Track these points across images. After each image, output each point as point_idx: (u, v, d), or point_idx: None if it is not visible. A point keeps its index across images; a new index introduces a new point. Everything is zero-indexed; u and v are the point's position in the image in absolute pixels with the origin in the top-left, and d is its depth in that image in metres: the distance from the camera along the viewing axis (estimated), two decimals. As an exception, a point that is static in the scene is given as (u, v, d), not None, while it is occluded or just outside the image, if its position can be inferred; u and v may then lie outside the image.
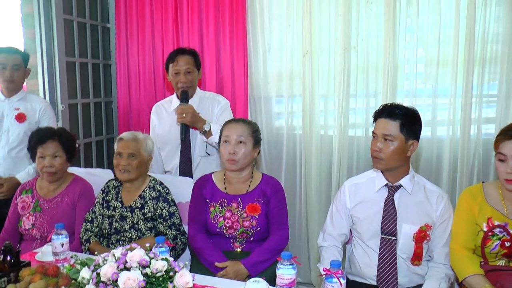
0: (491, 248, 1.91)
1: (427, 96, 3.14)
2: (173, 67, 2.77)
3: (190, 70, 2.78)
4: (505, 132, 1.88)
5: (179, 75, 2.76)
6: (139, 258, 1.50)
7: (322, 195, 3.42)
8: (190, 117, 2.62)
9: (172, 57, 2.79)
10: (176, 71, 2.76)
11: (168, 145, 2.88)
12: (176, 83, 2.78)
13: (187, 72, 2.77)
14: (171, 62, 2.78)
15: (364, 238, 2.15)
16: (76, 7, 3.67)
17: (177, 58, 2.76)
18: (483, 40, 2.93)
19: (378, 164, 2.08)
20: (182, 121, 2.63)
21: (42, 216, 2.49)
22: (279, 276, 1.61)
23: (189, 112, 2.62)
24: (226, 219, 2.24)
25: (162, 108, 2.95)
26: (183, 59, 2.77)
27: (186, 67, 2.76)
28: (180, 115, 2.62)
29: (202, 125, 2.66)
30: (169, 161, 2.91)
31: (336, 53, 3.25)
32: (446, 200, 2.11)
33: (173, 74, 2.77)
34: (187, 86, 2.76)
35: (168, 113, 2.89)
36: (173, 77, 2.78)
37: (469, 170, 3.03)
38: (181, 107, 2.64)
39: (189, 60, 2.78)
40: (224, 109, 2.88)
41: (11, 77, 2.93)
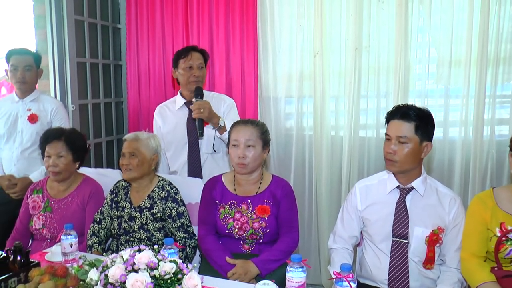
0: (506, 254, 1.87)
1: (439, 97, 3.11)
2: (185, 61, 2.76)
3: (202, 66, 2.81)
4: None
5: (192, 69, 2.76)
6: (147, 260, 1.49)
7: (332, 197, 3.39)
8: (208, 112, 2.60)
9: (185, 52, 2.80)
10: (189, 65, 2.76)
11: (174, 144, 2.88)
12: (188, 77, 2.77)
13: (199, 67, 2.78)
14: (182, 57, 2.78)
15: (375, 240, 2.12)
16: (87, 8, 3.69)
17: (190, 53, 2.78)
18: (497, 40, 2.89)
19: (392, 166, 2.04)
20: (200, 116, 2.60)
21: (53, 216, 2.50)
22: (289, 279, 1.59)
23: (207, 107, 2.60)
24: (235, 220, 2.23)
25: (165, 108, 2.94)
26: (195, 54, 2.79)
27: (199, 62, 2.79)
28: (197, 110, 2.59)
29: (217, 121, 2.65)
30: (175, 161, 2.90)
31: (347, 53, 3.23)
32: (459, 203, 2.07)
33: (185, 68, 2.76)
34: (199, 80, 2.78)
35: (173, 113, 2.88)
36: (184, 71, 2.77)
37: (482, 173, 2.98)
38: (198, 102, 2.61)
39: (200, 57, 2.81)
40: (231, 107, 2.88)
41: (23, 78, 2.97)
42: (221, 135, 2.69)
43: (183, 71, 2.78)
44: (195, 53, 2.80)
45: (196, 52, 2.81)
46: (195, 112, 2.60)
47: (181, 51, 2.84)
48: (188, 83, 2.79)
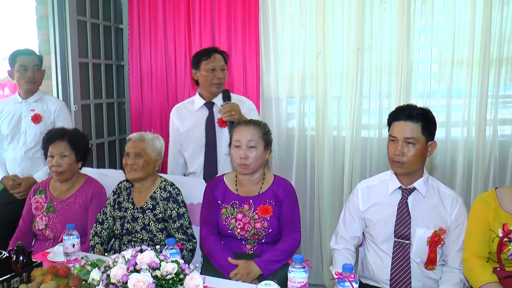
0: (508, 255, 1.87)
1: (441, 97, 3.10)
2: (208, 63, 2.74)
3: (224, 67, 2.80)
4: None
5: (215, 71, 2.75)
6: (149, 260, 1.50)
7: (334, 197, 3.39)
8: (238, 115, 2.59)
9: (208, 53, 2.77)
10: (212, 67, 2.74)
11: (192, 145, 2.86)
12: (211, 78, 2.75)
13: (221, 69, 2.77)
14: (205, 59, 2.75)
15: (377, 241, 2.12)
16: (89, 8, 3.70)
17: (213, 54, 2.76)
18: (500, 40, 2.89)
19: (400, 168, 2.03)
20: (231, 119, 2.58)
21: (55, 217, 2.51)
22: (291, 279, 1.59)
23: (237, 110, 2.59)
24: (237, 220, 2.23)
25: (184, 109, 2.91)
26: (218, 56, 2.78)
27: (221, 63, 2.78)
28: (228, 113, 2.57)
29: None
30: (194, 161, 2.88)
31: (349, 54, 3.23)
32: (460, 203, 2.07)
33: (208, 69, 2.74)
34: (221, 82, 2.77)
35: (192, 113, 2.85)
36: (207, 72, 2.75)
37: (484, 173, 2.98)
38: (229, 105, 2.60)
39: (222, 58, 2.80)
40: (251, 109, 2.87)
41: (33, 78, 3.02)
42: None
43: (206, 72, 2.75)
44: (217, 55, 2.78)
45: (218, 53, 2.79)
46: (226, 115, 2.57)
47: (203, 52, 2.81)
48: (210, 85, 2.76)
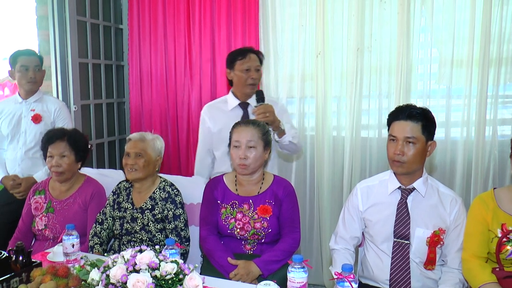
0: (507, 255, 1.87)
1: (441, 97, 3.11)
2: (243, 63, 2.71)
3: (259, 68, 2.76)
4: None
5: (250, 71, 2.71)
6: (148, 260, 1.50)
7: (334, 197, 3.39)
8: (273, 116, 2.58)
9: (243, 53, 2.74)
10: (247, 67, 2.71)
11: (224, 144, 2.78)
12: (246, 79, 2.71)
13: (256, 70, 2.74)
14: (240, 58, 2.72)
15: (376, 241, 2.12)
16: (89, 8, 3.70)
17: (248, 54, 2.73)
18: (499, 40, 2.89)
19: (400, 168, 2.03)
20: (265, 120, 2.54)
21: (55, 217, 2.51)
22: (290, 279, 1.59)
23: (271, 111, 2.57)
24: (237, 220, 2.23)
25: (216, 108, 2.87)
26: (253, 56, 2.74)
27: (256, 64, 2.74)
28: (262, 114, 2.54)
29: (279, 124, 2.62)
30: (225, 161, 2.83)
31: (349, 54, 3.23)
32: (460, 204, 2.07)
33: (243, 70, 2.71)
34: (256, 83, 2.74)
35: (224, 113, 2.80)
36: (242, 72, 2.72)
37: (484, 173, 2.98)
38: (263, 106, 2.58)
39: (256, 59, 2.76)
40: (284, 111, 2.85)
41: (34, 78, 3.02)
42: (280, 138, 2.67)
43: (240, 72, 2.72)
44: (252, 55, 2.74)
45: (253, 53, 2.75)
46: (260, 116, 2.54)
47: (238, 52, 2.78)
48: (244, 85, 2.73)
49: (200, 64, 3.66)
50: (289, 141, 2.66)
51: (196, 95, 3.71)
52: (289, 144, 2.68)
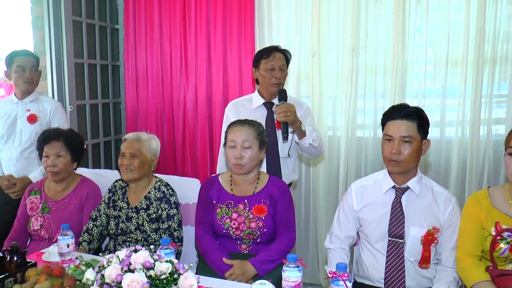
0: (500, 253, 1.88)
1: (436, 97, 3.12)
2: (268, 62, 2.67)
3: (284, 67, 2.71)
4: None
5: (274, 71, 2.67)
6: (143, 260, 1.50)
7: (330, 197, 3.41)
8: (294, 116, 2.53)
9: (268, 52, 2.70)
10: (271, 67, 2.67)
11: None
12: (270, 78, 2.67)
13: (281, 69, 2.69)
14: (265, 57, 2.69)
15: (371, 240, 2.13)
16: (85, 8, 3.71)
17: (273, 53, 2.69)
18: (494, 39, 2.90)
19: (397, 167, 2.04)
20: (286, 119, 2.51)
21: (50, 217, 2.51)
22: (285, 278, 1.59)
23: (292, 111, 2.52)
24: (232, 220, 2.23)
25: (241, 106, 2.83)
26: (278, 55, 2.68)
27: (281, 63, 2.69)
28: (283, 113, 2.50)
29: (300, 125, 2.58)
30: None
31: (345, 54, 3.24)
32: (454, 202, 2.08)
33: (267, 69, 2.67)
34: (280, 83, 2.69)
35: (249, 111, 2.76)
36: (266, 72, 2.68)
37: (478, 172, 3.00)
38: (284, 105, 2.53)
39: (282, 58, 2.70)
40: (308, 113, 2.81)
41: (31, 78, 3.02)
42: (300, 140, 2.63)
43: (265, 72, 2.67)
44: (277, 54, 2.69)
45: (278, 52, 2.70)
46: (281, 115, 2.51)
47: (263, 51, 2.74)
48: (269, 85, 2.69)
49: (196, 64, 3.66)
50: (309, 144, 2.61)
51: (191, 95, 3.71)
52: (309, 147, 2.64)
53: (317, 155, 2.79)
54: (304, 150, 2.71)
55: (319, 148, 2.71)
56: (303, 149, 2.70)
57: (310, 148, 2.65)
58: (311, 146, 2.63)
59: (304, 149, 2.70)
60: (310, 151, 2.69)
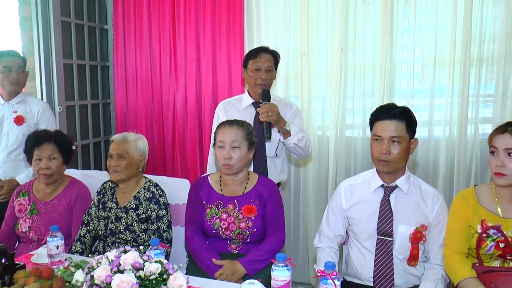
0: (486, 250, 1.91)
1: (424, 96, 3.15)
2: (254, 63, 2.69)
3: (271, 68, 2.72)
4: (499, 127, 1.91)
5: (260, 72, 2.68)
6: (132, 261, 1.50)
7: (320, 196, 3.42)
8: (276, 116, 2.54)
9: (254, 53, 2.72)
10: (257, 67, 2.68)
11: None
12: (255, 79, 2.69)
13: (267, 70, 2.70)
14: (252, 58, 2.70)
15: (360, 239, 2.15)
16: (74, 9, 3.69)
17: (260, 54, 2.70)
18: (480, 40, 2.94)
19: (386, 167, 2.06)
20: (268, 119, 2.53)
21: (39, 219, 2.49)
22: (274, 278, 1.60)
23: (275, 111, 2.54)
24: (222, 220, 2.24)
25: (231, 105, 2.85)
26: (265, 56, 2.69)
27: (268, 64, 2.69)
28: (266, 113, 2.52)
29: (284, 125, 2.59)
30: None
31: (333, 54, 3.25)
32: (441, 200, 2.11)
33: (253, 70, 2.69)
34: (266, 84, 2.70)
35: (238, 111, 2.78)
36: (252, 73, 2.70)
37: (466, 171, 3.03)
38: (267, 105, 2.55)
39: (270, 59, 2.71)
40: (296, 114, 2.82)
41: (18, 79, 2.99)
42: (285, 140, 2.64)
43: (251, 72, 2.70)
44: (265, 55, 2.70)
45: (266, 53, 2.71)
46: (263, 115, 2.52)
47: (252, 52, 2.75)
48: (255, 85, 2.71)
49: (185, 64, 3.67)
50: (294, 144, 2.63)
51: (181, 96, 3.71)
52: (294, 147, 2.65)
53: (304, 156, 2.81)
54: (290, 150, 2.73)
55: (305, 149, 2.72)
56: (289, 149, 2.72)
57: (296, 148, 2.67)
58: (296, 146, 2.65)
59: (290, 149, 2.73)
60: (296, 151, 2.70)
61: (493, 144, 1.90)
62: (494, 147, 1.89)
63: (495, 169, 1.87)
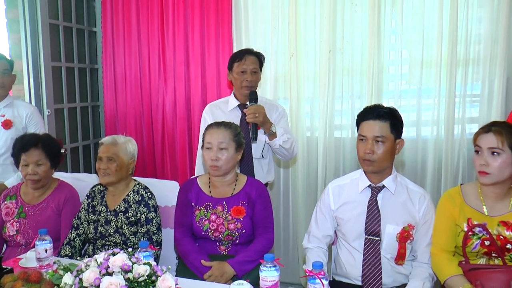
0: (472, 248, 1.94)
1: (411, 97, 3.18)
2: (239, 65, 2.70)
3: (256, 70, 2.73)
4: (483, 127, 1.95)
5: (245, 74, 2.69)
6: (121, 263, 1.50)
7: (309, 196, 3.44)
8: (262, 117, 2.57)
9: (239, 55, 2.73)
10: (242, 70, 2.69)
11: None
12: (241, 81, 2.71)
13: (253, 72, 2.71)
14: (237, 61, 2.71)
15: (348, 239, 2.17)
16: (62, 11, 3.67)
17: (245, 57, 2.71)
18: (466, 41, 2.98)
19: (371, 166, 2.08)
20: (255, 121, 2.56)
21: (27, 222, 2.48)
22: (262, 278, 1.62)
23: (262, 112, 2.56)
24: (211, 222, 2.24)
25: (217, 108, 2.86)
26: (250, 58, 2.71)
27: (253, 66, 2.71)
28: (252, 115, 2.54)
29: (270, 126, 2.61)
30: None
31: (322, 55, 3.27)
32: (428, 200, 2.13)
33: (239, 72, 2.70)
34: (252, 85, 2.71)
35: (224, 113, 2.79)
36: (238, 75, 2.71)
37: (453, 170, 3.07)
38: (253, 107, 2.57)
39: (255, 60, 2.73)
40: (282, 116, 2.84)
41: (3, 83, 2.97)
42: (271, 141, 2.66)
43: (237, 75, 2.71)
44: (250, 57, 2.71)
45: (251, 55, 2.73)
46: (250, 116, 2.55)
47: (236, 54, 2.77)
48: (241, 87, 2.72)
49: (174, 66, 3.67)
50: (279, 145, 2.65)
51: (170, 98, 3.71)
52: (279, 148, 2.67)
53: (289, 157, 2.83)
54: (276, 152, 2.76)
55: (290, 150, 2.74)
56: (274, 150, 2.75)
57: (281, 150, 2.69)
58: (282, 148, 2.67)
59: (275, 151, 2.75)
60: (282, 152, 2.73)
61: (477, 143, 1.93)
62: (478, 146, 1.92)
63: (479, 168, 1.90)
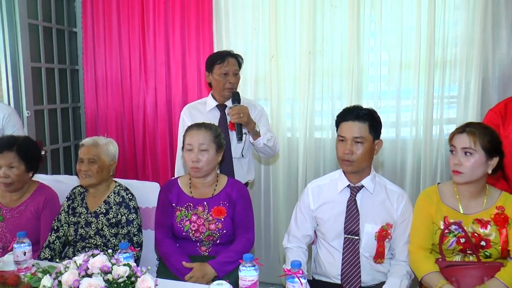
0: (448, 245, 1.98)
1: (391, 98, 3.22)
2: (222, 67, 2.71)
3: (237, 72, 2.76)
4: (459, 127, 2.01)
5: (228, 76, 2.71)
6: (100, 264, 1.51)
7: (290, 196, 3.46)
8: (247, 117, 2.59)
9: (222, 57, 2.73)
10: (225, 72, 2.71)
11: None
12: (224, 83, 2.72)
13: (234, 74, 2.74)
14: (219, 62, 2.72)
15: (328, 238, 2.19)
16: (41, 11, 3.63)
17: (227, 59, 2.72)
18: (443, 43, 3.03)
19: (350, 166, 2.11)
20: (239, 121, 2.58)
21: (5, 226, 2.44)
22: (241, 278, 1.63)
23: (246, 112, 2.59)
24: (192, 222, 2.25)
25: (195, 109, 2.87)
26: (231, 60, 2.74)
27: (234, 68, 2.74)
28: (237, 115, 2.56)
29: (254, 126, 2.64)
30: None
31: (302, 57, 3.30)
32: (406, 199, 2.17)
33: (221, 74, 2.71)
34: (234, 87, 2.74)
35: (203, 114, 2.80)
36: (219, 77, 2.72)
37: (432, 170, 3.12)
38: (237, 107, 2.59)
39: (235, 62, 2.76)
40: (262, 115, 2.87)
41: None
42: (254, 141, 2.68)
43: (219, 76, 2.72)
44: (231, 59, 2.74)
45: (232, 57, 2.75)
46: (234, 117, 2.57)
47: (217, 55, 2.79)
48: (223, 89, 2.73)
49: (155, 67, 3.66)
50: (263, 144, 2.69)
51: (151, 99, 3.70)
52: (263, 147, 2.71)
53: (272, 154, 2.88)
54: (259, 150, 2.79)
55: (273, 148, 2.79)
56: (258, 149, 2.78)
57: (265, 148, 2.73)
58: (266, 146, 2.71)
59: (259, 149, 2.78)
60: (265, 151, 2.77)
61: (452, 143, 1.98)
62: (453, 146, 1.98)
63: (453, 167, 1.96)
